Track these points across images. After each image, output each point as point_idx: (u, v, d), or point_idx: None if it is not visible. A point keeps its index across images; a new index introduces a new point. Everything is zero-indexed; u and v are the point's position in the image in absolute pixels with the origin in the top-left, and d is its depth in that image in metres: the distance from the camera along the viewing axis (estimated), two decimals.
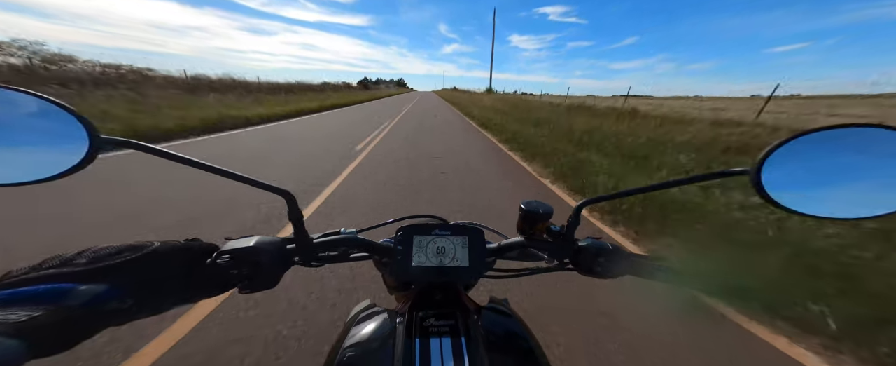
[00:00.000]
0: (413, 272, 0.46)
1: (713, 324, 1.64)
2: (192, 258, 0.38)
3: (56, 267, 0.30)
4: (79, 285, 0.29)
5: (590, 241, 0.50)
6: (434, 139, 7.58)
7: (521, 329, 0.49)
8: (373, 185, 3.88)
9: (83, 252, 0.32)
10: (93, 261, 0.31)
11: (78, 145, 0.28)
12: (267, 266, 0.41)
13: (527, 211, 0.49)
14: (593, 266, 0.48)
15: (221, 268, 0.38)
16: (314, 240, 0.46)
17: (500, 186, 4.05)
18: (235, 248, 0.39)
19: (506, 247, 0.52)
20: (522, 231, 0.51)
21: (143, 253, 0.34)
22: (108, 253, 0.32)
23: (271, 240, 0.42)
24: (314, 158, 5.16)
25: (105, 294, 0.30)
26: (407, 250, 0.46)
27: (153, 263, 0.34)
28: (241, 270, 0.39)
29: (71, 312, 0.27)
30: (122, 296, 0.31)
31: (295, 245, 0.44)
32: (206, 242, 0.41)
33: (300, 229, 0.43)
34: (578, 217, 0.47)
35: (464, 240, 0.47)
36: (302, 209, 0.43)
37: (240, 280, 0.40)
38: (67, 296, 0.28)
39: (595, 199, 0.46)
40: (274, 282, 0.43)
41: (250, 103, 12.38)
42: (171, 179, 3.64)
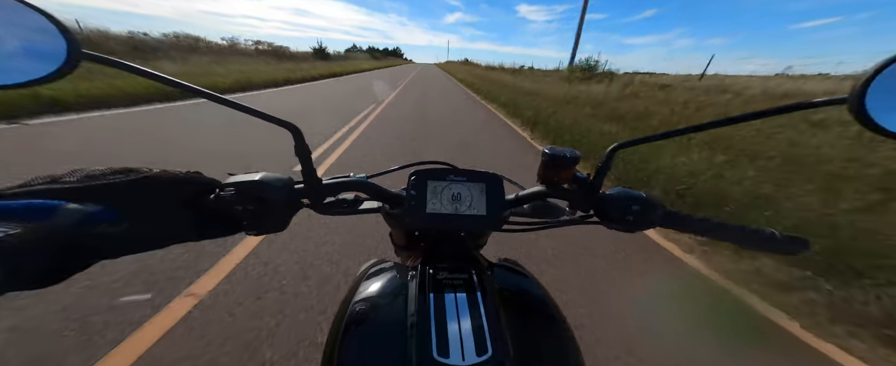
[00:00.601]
0: (427, 219, 0.44)
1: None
2: (193, 191, 0.36)
3: (45, 184, 0.28)
4: (67, 203, 0.27)
5: (619, 190, 0.47)
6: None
7: (536, 288, 0.48)
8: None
9: (75, 171, 0.30)
10: (85, 179, 0.29)
11: (56, 55, 0.27)
12: (274, 203, 0.39)
13: (551, 155, 0.46)
14: (623, 217, 0.45)
15: (225, 203, 0.36)
16: (323, 181, 0.43)
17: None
18: (240, 181, 0.37)
19: (525, 197, 0.50)
20: (544, 179, 0.48)
21: (139, 177, 0.32)
22: (103, 173, 0.31)
23: (278, 177, 0.40)
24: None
25: (97, 214, 0.28)
26: (421, 196, 0.44)
27: (150, 189, 0.32)
28: (245, 207, 0.37)
29: (57, 231, 0.25)
30: (116, 219, 0.29)
31: (303, 185, 0.42)
32: (208, 177, 0.39)
33: (308, 167, 0.41)
34: (610, 163, 0.44)
35: (481, 186, 0.45)
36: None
37: (245, 217, 0.38)
38: (54, 213, 0.26)
39: (630, 141, 0.42)
40: (283, 224, 0.41)
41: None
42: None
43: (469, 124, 6.44)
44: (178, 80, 0.31)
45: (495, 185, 0.46)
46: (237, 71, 11.67)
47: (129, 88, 5.79)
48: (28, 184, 0.27)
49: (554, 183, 0.47)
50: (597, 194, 0.47)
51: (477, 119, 7.19)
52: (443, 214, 0.44)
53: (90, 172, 0.30)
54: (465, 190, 0.45)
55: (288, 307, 1.45)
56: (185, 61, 12.19)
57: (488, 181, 0.45)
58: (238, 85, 9.40)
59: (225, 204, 0.36)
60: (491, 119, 7.33)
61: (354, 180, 0.45)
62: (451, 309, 0.36)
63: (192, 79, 5.72)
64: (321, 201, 0.44)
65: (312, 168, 0.41)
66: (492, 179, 0.46)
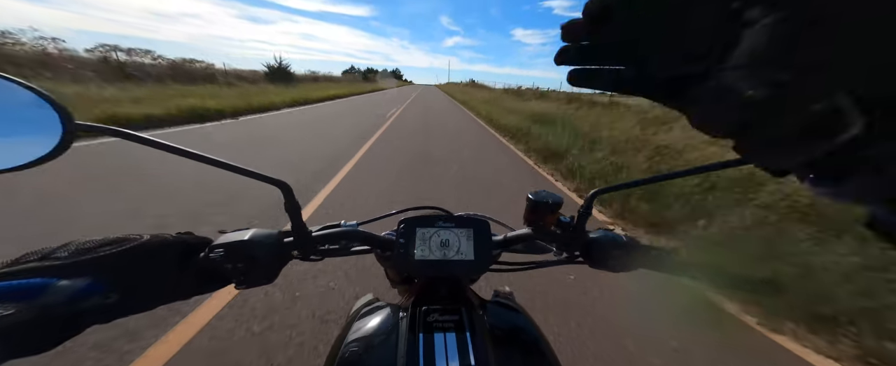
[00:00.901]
0: (416, 266, 0.45)
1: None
2: (183, 253, 0.37)
3: (35, 261, 0.29)
4: (58, 280, 0.28)
5: (602, 232, 0.49)
6: None
7: (527, 324, 0.49)
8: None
9: (66, 245, 0.31)
10: (75, 254, 0.30)
11: (51, 132, 0.26)
12: (263, 260, 0.40)
13: (535, 202, 0.47)
14: (607, 259, 0.47)
15: (215, 263, 0.37)
16: (313, 233, 0.44)
17: None
18: (229, 241, 0.39)
19: (512, 239, 0.51)
20: (530, 223, 0.49)
21: (129, 246, 0.33)
22: (92, 246, 0.31)
23: (268, 233, 0.42)
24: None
25: (87, 289, 0.29)
26: (409, 243, 0.45)
27: (140, 257, 0.33)
28: (235, 265, 0.38)
29: (50, 308, 0.26)
30: (106, 291, 0.30)
31: (292, 238, 0.43)
32: (199, 236, 0.40)
33: (298, 221, 0.42)
34: (590, 208, 0.46)
35: (468, 232, 0.47)
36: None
37: (235, 275, 0.39)
38: (46, 291, 0.27)
39: (607, 188, 0.44)
40: (272, 276, 0.42)
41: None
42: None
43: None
44: (167, 143, 0.32)
45: (483, 229, 0.47)
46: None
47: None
48: (20, 261, 0.28)
49: (539, 226, 0.49)
50: (581, 237, 0.48)
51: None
52: (430, 261, 0.45)
53: (81, 246, 0.31)
54: (453, 236, 0.46)
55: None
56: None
57: (476, 226, 0.47)
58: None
59: (214, 263, 0.37)
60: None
61: (343, 230, 0.46)
62: (440, 350, 0.37)
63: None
64: (311, 253, 0.45)
65: (302, 222, 0.43)
66: (479, 224, 0.47)
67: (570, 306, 1.75)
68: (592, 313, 1.70)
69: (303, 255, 0.45)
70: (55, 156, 0.27)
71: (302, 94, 14.93)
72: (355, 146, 5.50)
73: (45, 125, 0.26)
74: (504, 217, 0.63)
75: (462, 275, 0.49)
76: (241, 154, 4.69)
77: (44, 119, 0.26)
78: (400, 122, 9.19)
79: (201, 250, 0.38)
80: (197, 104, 7.72)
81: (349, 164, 4.36)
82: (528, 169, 4.92)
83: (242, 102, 9.57)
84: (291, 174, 3.64)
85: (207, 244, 0.39)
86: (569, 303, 1.78)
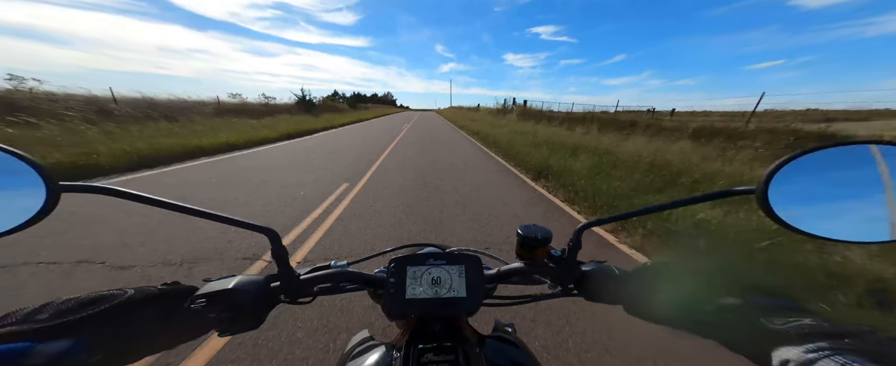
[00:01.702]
0: (408, 305, 0.44)
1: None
2: (167, 304, 0.37)
3: (14, 324, 0.28)
4: (38, 344, 0.27)
5: (594, 265, 0.48)
6: None
7: (527, 359, 0.48)
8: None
9: (46, 305, 0.30)
10: (55, 316, 0.29)
11: (34, 195, 0.26)
12: (247, 307, 0.39)
13: (524, 236, 0.47)
14: (602, 292, 0.46)
15: (196, 313, 0.37)
16: (301, 276, 0.44)
17: None
18: (212, 291, 0.38)
19: (505, 274, 0.51)
20: (522, 257, 0.49)
21: (112, 305, 0.32)
22: (72, 306, 0.31)
23: (252, 280, 0.41)
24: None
25: (69, 350, 0.28)
26: (400, 282, 0.45)
27: (122, 313, 0.32)
28: (219, 314, 0.37)
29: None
30: (89, 351, 0.29)
31: (280, 283, 0.42)
32: (184, 285, 0.40)
33: (285, 266, 0.42)
34: (579, 241, 0.46)
35: (460, 269, 0.46)
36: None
37: (217, 323, 0.38)
38: (27, 356, 0.26)
39: (595, 221, 0.45)
40: (257, 322, 0.41)
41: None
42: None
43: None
44: (154, 197, 0.33)
45: (475, 265, 0.47)
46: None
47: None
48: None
49: (531, 260, 0.48)
50: (574, 270, 0.48)
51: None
52: (422, 300, 0.44)
53: (61, 306, 0.30)
54: (445, 273, 0.45)
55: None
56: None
57: (467, 262, 0.46)
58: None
59: (196, 313, 0.37)
60: None
61: (333, 272, 0.46)
62: None
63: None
64: (299, 295, 0.44)
65: (289, 267, 0.42)
66: (470, 260, 0.47)
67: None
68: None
69: (291, 298, 0.44)
70: (40, 219, 0.27)
71: (329, 121, 18.74)
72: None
73: (28, 188, 0.26)
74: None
75: (454, 312, 0.48)
76: (347, 138, 11.05)
77: (27, 182, 0.26)
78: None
79: (185, 300, 0.37)
80: (291, 129, 12.48)
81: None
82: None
83: (297, 127, 13.67)
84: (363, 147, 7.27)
85: (191, 294, 0.38)
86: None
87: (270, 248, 0.41)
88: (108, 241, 2.71)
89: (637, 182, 4.60)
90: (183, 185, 4.69)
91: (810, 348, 0.25)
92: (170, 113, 12.15)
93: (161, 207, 0.33)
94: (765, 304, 0.32)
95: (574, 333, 1.72)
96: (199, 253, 2.53)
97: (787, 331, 0.27)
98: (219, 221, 0.37)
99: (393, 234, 3.00)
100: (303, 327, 1.71)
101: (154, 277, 2.22)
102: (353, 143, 10.13)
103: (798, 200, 0.30)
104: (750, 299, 0.33)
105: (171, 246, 2.64)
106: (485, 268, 0.50)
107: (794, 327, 0.27)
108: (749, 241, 2.61)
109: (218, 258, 2.45)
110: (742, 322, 0.31)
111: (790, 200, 0.30)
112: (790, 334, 0.27)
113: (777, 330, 0.28)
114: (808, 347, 0.25)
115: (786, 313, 0.30)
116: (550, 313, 1.87)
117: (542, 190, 4.88)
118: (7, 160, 0.26)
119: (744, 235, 2.74)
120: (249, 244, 2.65)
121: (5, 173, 0.26)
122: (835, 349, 0.24)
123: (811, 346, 0.25)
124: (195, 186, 4.61)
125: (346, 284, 0.48)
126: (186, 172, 5.48)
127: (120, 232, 2.88)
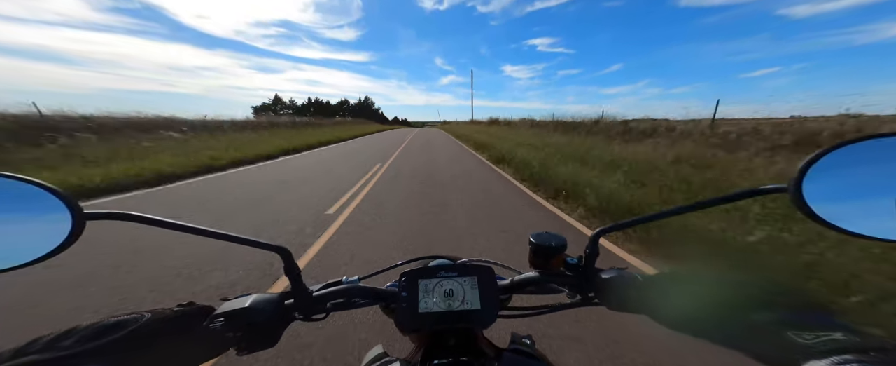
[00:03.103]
0: (420, 320, 0.43)
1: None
2: (185, 324, 0.37)
3: (39, 352, 0.28)
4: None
5: (616, 272, 0.46)
6: None
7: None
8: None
9: (70, 332, 0.31)
10: (79, 342, 0.30)
11: (61, 223, 0.27)
12: (263, 326, 0.40)
13: (537, 245, 0.45)
14: (625, 301, 0.43)
15: (215, 332, 0.37)
16: (314, 293, 0.44)
17: None
18: (229, 310, 0.39)
19: (519, 284, 0.49)
20: (535, 265, 0.47)
21: (133, 328, 0.33)
22: (95, 331, 0.31)
23: (268, 298, 0.41)
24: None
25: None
26: (412, 296, 0.44)
27: (143, 337, 0.33)
28: (235, 333, 0.38)
29: None
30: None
31: (293, 300, 0.42)
32: (201, 305, 0.40)
33: (298, 284, 0.42)
34: (596, 247, 0.44)
35: (472, 280, 0.45)
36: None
37: (236, 342, 0.38)
38: None
39: (612, 227, 0.42)
40: (274, 340, 0.41)
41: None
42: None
43: None
44: (178, 222, 0.34)
45: (487, 276, 0.45)
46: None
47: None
48: (23, 351, 0.28)
49: (546, 269, 0.47)
50: (593, 278, 0.46)
51: None
52: (435, 313, 0.43)
53: (84, 333, 0.31)
54: (457, 285, 0.45)
55: None
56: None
57: (480, 274, 0.45)
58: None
59: (215, 333, 0.37)
60: None
61: (345, 288, 0.46)
62: None
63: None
64: (312, 313, 0.44)
65: (302, 284, 0.42)
66: (483, 270, 0.46)
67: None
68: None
69: (305, 315, 0.44)
70: (67, 247, 0.28)
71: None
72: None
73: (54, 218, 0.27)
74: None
75: (469, 325, 0.47)
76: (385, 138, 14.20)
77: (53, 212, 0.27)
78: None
79: (203, 319, 0.38)
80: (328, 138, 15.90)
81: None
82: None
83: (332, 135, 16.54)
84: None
85: (208, 313, 0.39)
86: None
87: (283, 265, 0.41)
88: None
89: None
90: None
91: (836, 360, 0.24)
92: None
93: (178, 230, 0.34)
94: (794, 317, 0.30)
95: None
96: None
97: (815, 346, 0.26)
98: (233, 241, 0.38)
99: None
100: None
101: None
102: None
103: (836, 197, 0.28)
104: (779, 312, 0.31)
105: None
106: (498, 278, 0.49)
107: (821, 341, 0.26)
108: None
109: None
110: (770, 335, 0.30)
111: (827, 196, 0.28)
112: (817, 348, 0.26)
113: (805, 344, 0.27)
114: (834, 359, 0.24)
115: (816, 326, 0.28)
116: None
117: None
118: (34, 192, 0.27)
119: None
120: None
121: (33, 204, 0.27)
122: (860, 362, 0.23)
123: (837, 359, 0.24)
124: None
125: (359, 299, 0.48)
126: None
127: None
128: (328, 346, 1.69)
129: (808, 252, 2.40)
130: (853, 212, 0.28)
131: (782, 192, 0.30)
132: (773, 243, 2.65)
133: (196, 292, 2.27)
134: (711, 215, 3.20)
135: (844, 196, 0.28)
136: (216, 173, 7.18)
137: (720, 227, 3.02)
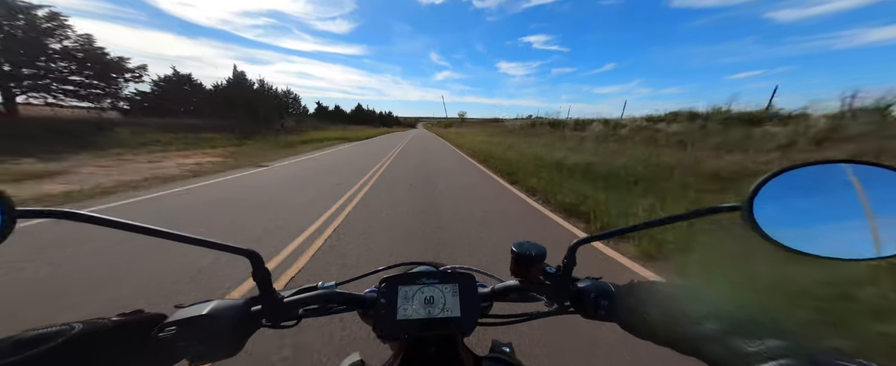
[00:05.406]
0: (399, 327, 0.42)
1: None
2: (126, 336, 0.33)
3: None
4: None
5: (590, 282, 0.47)
6: None
7: None
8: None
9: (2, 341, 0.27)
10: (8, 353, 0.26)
11: None
12: (224, 334, 0.36)
13: (518, 253, 0.46)
14: (598, 309, 0.44)
15: (164, 342, 0.33)
16: (285, 298, 0.41)
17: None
18: (184, 317, 0.35)
19: (500, 292, 0.50)
20: (517, 274, 0.48)
21: (59, 342, 0.29)
22: (9, 347, 0.27)
23: (230, 304, 0.39)
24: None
25: None
26: (391, 303, 0.43)
27: (71, 352, 0.29)
28: (189, 342, 0.34)
29: None
30: None
31: (261, 306, 0.39)
32: (150, 313, 0.37)
33: (267, 289, 0.40)
34: (573, 258, 0.45)
35: (454, 288, 0.45)
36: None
37: (190, 352, 0.35)
38: None
39: (588, 238, 0.44)
40: (235, 349, 0.38)
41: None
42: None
43: None
44: (121, 220, 0.31)
45: (469, 284, 0.45)
46: None
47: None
48: None
49: (526, 277, 0.48)
50: (570, 287, 0.47)
51: None
52: (414, 320, 0.42)
53: (18, 339, 0.27)
54: (438, 292, 0.44)
55: None
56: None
57: (461, 281, 0.45)
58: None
59: (165, 343, 0.33)
60: None
61: (319, 293, 0.44)
62: None
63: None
64: (282, 319, 0.42)
65: (272, 289, 0.40)
66: (464, 278, 0.46)
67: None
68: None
69: (273, 322, 0.41)
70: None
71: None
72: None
73: None
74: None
75: (448, 333, 0.46)
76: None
77: None
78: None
79: (151, 329, 0.34)
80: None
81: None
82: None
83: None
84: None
85: (159, 322, 0.35)
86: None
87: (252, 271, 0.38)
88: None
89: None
90: None
91: (776, 364, 0.26)
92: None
93: (127, 230, 0.30)
94: (743, 325, 0.32)
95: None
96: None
97: (760, 352, 0.28)
98: (196, 244, 0.34)
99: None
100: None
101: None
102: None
103: (782, 217, 0.31)
104: (729, 321, 0.33)
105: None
106: (480, 286, 0.49)
107: (766, 348, 0.28)
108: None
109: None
110: (721, 343, 0.31)
111: (775, 216, 0.31)
112: (762, 354, 0.28)
113: (751, 351, 0.29)
114: (773, 364, 0.26)
115: (763, 333, 0.30)
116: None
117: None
118: None
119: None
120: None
121: None
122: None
123: (774, 364, 0.26)
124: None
125: (334, 305, 0.46)
126: None
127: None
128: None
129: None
130: (798, 231, 0.30)
131: (737, 210, 0.32)
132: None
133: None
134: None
135: (789, 217, 0.31)
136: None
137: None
